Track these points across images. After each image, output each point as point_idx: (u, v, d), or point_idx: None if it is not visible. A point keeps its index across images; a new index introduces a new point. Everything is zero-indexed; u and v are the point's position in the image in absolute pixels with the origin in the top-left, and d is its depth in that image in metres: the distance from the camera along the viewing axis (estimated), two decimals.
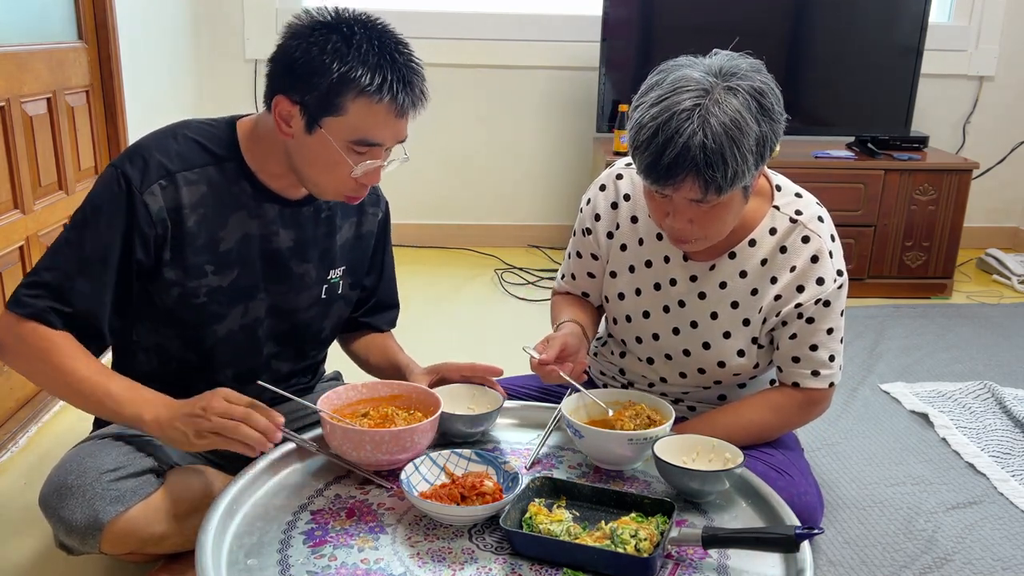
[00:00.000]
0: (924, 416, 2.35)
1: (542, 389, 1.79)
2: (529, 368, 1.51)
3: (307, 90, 1.33)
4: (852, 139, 3.70)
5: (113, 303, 1.42)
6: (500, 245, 4.00)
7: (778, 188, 1.55)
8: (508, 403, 1.58)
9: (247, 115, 1.52)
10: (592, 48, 3.64)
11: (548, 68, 3.87)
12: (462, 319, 3.10)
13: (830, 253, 1.50)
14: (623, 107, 3.45)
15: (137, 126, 2.82)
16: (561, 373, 1.46)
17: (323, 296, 1.60)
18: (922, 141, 3.58)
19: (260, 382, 1.43)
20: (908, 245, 3.42)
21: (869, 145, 3.54)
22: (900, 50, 3.53)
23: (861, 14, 3.52)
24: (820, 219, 1.52)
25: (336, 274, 1.61)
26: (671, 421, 1.42)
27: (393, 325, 1.80)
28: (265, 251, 1.50)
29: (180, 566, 1.50)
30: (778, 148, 3.78)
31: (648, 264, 1.60)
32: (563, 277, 1.76)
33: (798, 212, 1.52)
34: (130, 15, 2.80)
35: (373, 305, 1.75)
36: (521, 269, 3.66)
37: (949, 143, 4.02)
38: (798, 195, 1.55)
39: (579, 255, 1.69)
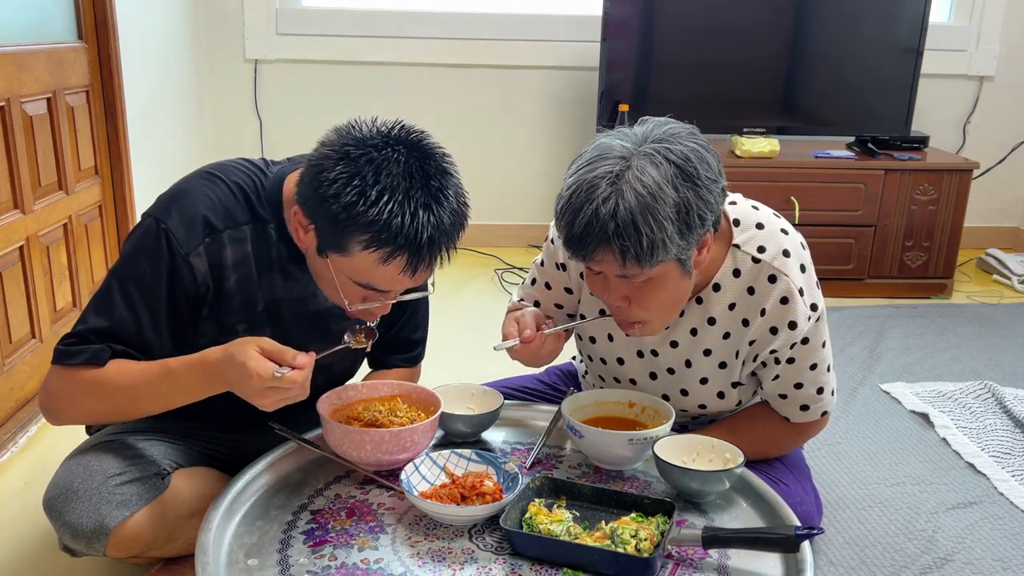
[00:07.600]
0: (924, 416, 2.35)
1: (542, 390, 1.79)
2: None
3: (319, 218, 1.26)
4: (852, 139, 3.70)
5: (171, 338, 1.38)
6: (500, 245, 3.99)
7: (736, 223, 1.44)
8: (508, 403, 1.58)
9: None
10: (592, 48, 3.63)
11: (548, 68, 3.86)
12: (462, 319, 3.10)
13: (800, 291, 1.41)
14: (623, 107, 3.44)
15: (137, 126, 2.83)
16: (548, 330, 1.45)
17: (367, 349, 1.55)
18: (922, 141, 3.58)
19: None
20: (908, 245, 3.42)
21: (869, 145, 3.54)
22: (900, 50, 3.52)
23: (861, 14, 3.52)
24: (786, 253, 1.42)
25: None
26: (671, 421, 1.42)
27: (410, 363, 1.70)
28: (303, 313, 1.46)
29: (180, 567, 1.50)
30: (778, 148, 3.75)
31: None
32: (521, 300, 1.70)
33: (760, 249, 1.42)
34: (130, 15, 2.80)
35: (388, 340, 1.65)
36: (521, 269, 3.66)
37: (949, 143, 4.01)
38: (759, 226, 1.44)
39: (547, 286, 1.63)
